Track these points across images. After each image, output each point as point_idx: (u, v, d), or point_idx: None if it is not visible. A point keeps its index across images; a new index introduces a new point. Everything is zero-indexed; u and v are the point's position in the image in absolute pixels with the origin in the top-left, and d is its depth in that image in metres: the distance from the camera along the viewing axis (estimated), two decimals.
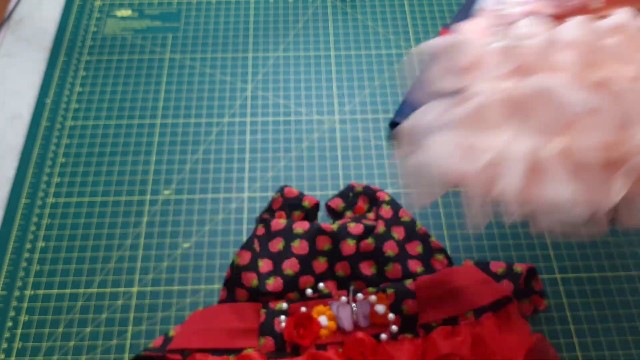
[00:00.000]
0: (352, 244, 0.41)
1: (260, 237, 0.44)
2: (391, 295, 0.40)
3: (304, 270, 0.42)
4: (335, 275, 0.42)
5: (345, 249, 0.42)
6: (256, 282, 0.41)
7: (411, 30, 0.64)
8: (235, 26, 0.65)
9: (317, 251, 0.42)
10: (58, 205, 0.52)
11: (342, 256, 0.42)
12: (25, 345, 0.45)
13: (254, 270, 0.42)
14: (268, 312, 0.41)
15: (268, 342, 0.40)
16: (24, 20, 0.66)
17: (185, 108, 0.58)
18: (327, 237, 0.42)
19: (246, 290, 0.41)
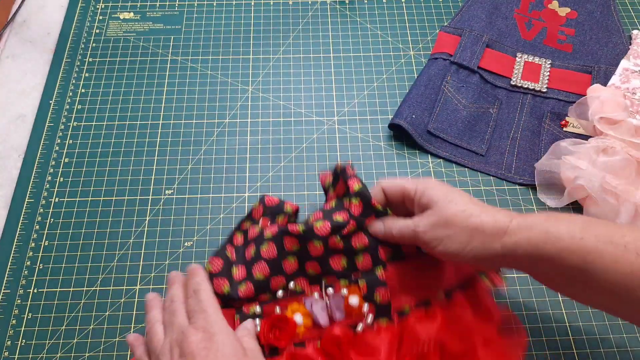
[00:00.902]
0: (319, 245, 0.41)
1: (238, 246, 0.43)
2: (363, 287, 0.40)
3: (274, 272, 0.41)
4: (307, 273, 0.42)
5: (313, 250, 0.41)
6: (228, 288, 0.40)
7: (409, 33, 0.65)
8: (236, 28, 0.65)
9: (285, 252, 0.41)
10: (61, 204, 0.52)
11: (310, 256, 0.41)
12: (29, 342, 0.45)
13: (225, 276, 0.41)
14: (242, 316, 0.40)
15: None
16: (28, 22, 0.66)
17: (187, 109, 0.59)
18: (293, 239, 0.41)
19: (218, 297, 0.40)
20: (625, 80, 0.57)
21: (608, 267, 0.32)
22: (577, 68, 0.61)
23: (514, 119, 0.58)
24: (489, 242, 0.35)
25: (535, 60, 0.61)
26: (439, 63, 0.60)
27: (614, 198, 0.48)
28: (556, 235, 0.33)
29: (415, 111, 0.57)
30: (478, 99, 0.59)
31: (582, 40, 0.63)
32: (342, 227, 0.40)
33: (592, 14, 0.65)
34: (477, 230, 0.35)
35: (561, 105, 0.59)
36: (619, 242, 0.32)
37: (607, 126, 0.51)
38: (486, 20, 0.64)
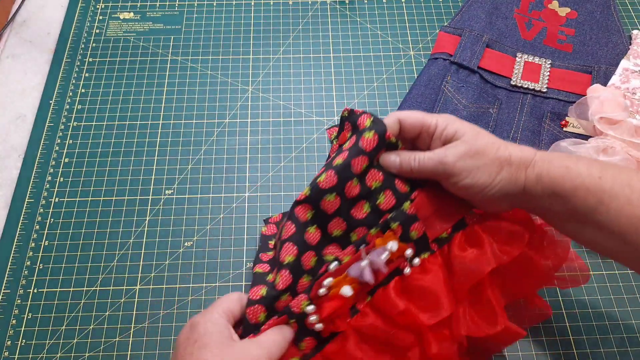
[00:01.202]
0: (333, 198, 0.37)
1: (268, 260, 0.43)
2: (397, 229, 0.38)
3: (301, 249, 0.38)
4: (332, 236, 0.39)
5: (328, 206, 0.38)
6: (264, 290, 0.38)
7: (409, 33, 0.65)
8: (236, 28, 0.65)
9: (302, 224, 0.38)
10: (61, 204, 0.52)
11: (328, 215, 0.38)
12: (29, 342, 0.45)
13: (261, 284, 0.39)
14: (297, 317, 0.37)
15: (308, 343, 0.38)
16: (28, 22, 0.66)
17: (187, 109, 0.59)
18: (304, 206, 0.38)
19: (260, 305, 0.37)
20: (625, 80, 0.57)
21: (621, 209, 0.33)
22: (577, 68, 0.61)
23: (514, 119, 0.58)
24: (514, 173, 0.36)
25: (535, 60, 0.61)
26: (439, 63, 0.60)
27: None
28: (575, 172, 0.34)
29: None
30: (478, 99, 0.59)
31: (582, 40, 0.63)
32: (347, 166, 0.37)
33: (592, 14, 0.65)
34: (506, 162, 0.36)
35: (561, 105, 0.59)
36: (635, 186, 0.33)
37: (607, 126, 0.52)
38: (486, 20, 0.64)
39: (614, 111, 0.52)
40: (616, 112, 0.52)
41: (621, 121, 0.51)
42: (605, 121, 0.52)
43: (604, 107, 0.52)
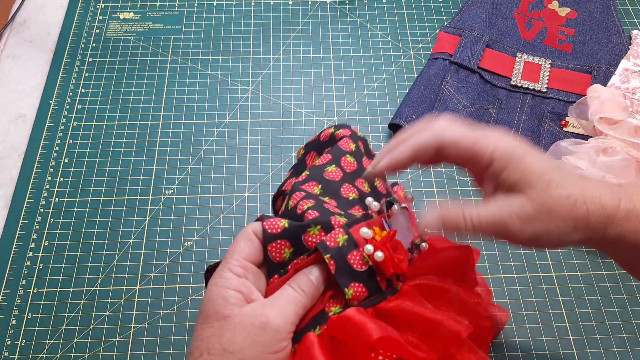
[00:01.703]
0: (334, 169, 0.35)
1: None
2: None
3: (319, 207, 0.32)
4: (350, 199, 0.34)
5: (332, 176, 0.34)
6: (286, 221, 0.31)
7: (409, 33, 0.65)
8: (236, 28, 0.65)
9: (314, 196, 0.33)
10: (61, 204, 0.52)
11: (336, 182, 0.34)
12: (29, 342, 0.45)
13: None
14: (334, 254, 0.30)
15: (357, 291, 0.30)
16: (28, 22, 0.66)
17: (187, 109, 0.59)
18: (309, 183, 0.34)
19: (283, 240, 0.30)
20: (625, 80, 0.57)
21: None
22: (577, 68, 0.61)
23: (513, 119, 0.58)
24: (591, 232, 0.29)
25: (535, 60, 0.61)
26: (439, 63, 0.60)
27: None
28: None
29: (415, 111, 0.57)
30: (478, 99, 0.59)
31: (582, 40, 0.63)
32: (337, 148, 0.36)
33: (592, 14, 0.65)
34: (581, 221, 0.29)
35: (561, 105, 0.59)
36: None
37: (607, 126, 0.52)
38: (486, 20, 0.64)
39: (614, 111, 0.52)
40: (616, 112, 0.52)
41: (621, 121, 0.51)
42: (605, 121, 0.52)
43: (604, 107, 0.52)
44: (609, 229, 0.29)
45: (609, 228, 0.29)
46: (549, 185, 0.29)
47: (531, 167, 0.29)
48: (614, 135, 0.51)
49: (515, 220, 0.29)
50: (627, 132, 0.51)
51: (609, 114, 0.52)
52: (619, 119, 0.51)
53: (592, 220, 0.29)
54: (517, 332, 0.46)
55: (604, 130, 0.51)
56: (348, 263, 0.30)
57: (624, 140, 0.51)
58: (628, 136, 0.51)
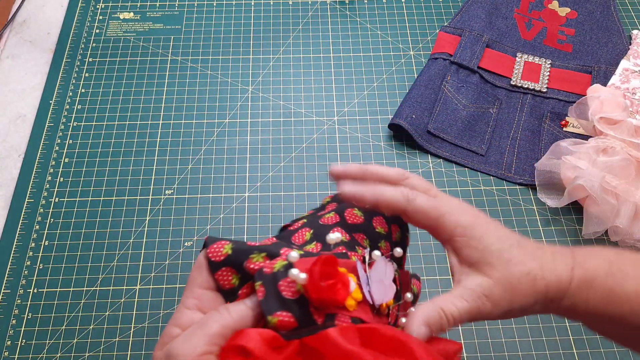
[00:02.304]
0: (332, 215, 0.33)
1: None
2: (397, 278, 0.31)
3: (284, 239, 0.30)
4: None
5: (327, 221, 0.32)
6: (229, 247, 0.29)
7: (409, 33, 0.65)
8: (236, 28, 0.65)
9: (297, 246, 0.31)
10: (61, 204, 0.52)
11: (329, 226, 0.32)
12: (29, 342, 0.45)
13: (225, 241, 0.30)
14: (265, 281, 0.27)
15: (283, 320, 0.26)
16: (28, 22, 0.66)
17: (187, 109, 0.59)
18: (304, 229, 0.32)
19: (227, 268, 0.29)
20: (625, 80, 0.57)
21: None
22: (577, 68, 0.61)
23: (514, 119, 0.58)
24: (549, 304, 0.30)
25: (535, 60, 0.61)
26: (439, 63, 0.60)
27: (614, 198, 0.48)
28: (621, 296, 0.29)
29: (415, 111, 0.57)
30: (478, 99, 0.59)
31: (582, 40, 0.63)
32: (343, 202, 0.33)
33: (592, 14, 0.65)
34: (541, 295, 0.30)
35: (561, 105, 0.59)
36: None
37: (607, 126, 0.52)
38: (486, 20, 0.64)
39: (614, 111, 0.52)
40: (616, 112, 0.52)
41: (621, 121, 0.51)
42: (605, 121, 0.52)
43: (604, 107, 0.52)
44: (564, 301, 0.30)
45: (563, 299, 0.30)
46: (509, 264, 0.30)
47: (490, 247, 0.30)
48: (614, 135, 0.51)
49: (486, 303, 0.30)
50: (627, 132, 0.51)
51: (609, 114, 0.52)
52: (619, 119, 0.51)
53: (550, 293, 0.30)
54: (517, 332, 0.46)
55: (604, 130, 0.51)
56: (278, 290, 0.27)
57: (624, 140, 0.51)
58: (628, 136, 0.51)
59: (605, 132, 0.51)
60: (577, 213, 0.52)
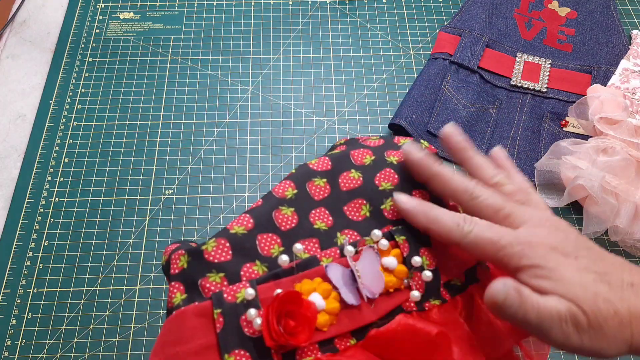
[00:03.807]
0: (323, 183, 0.29)
1: None
2: (403, 245, 0.28)
3: (259, 225, 0.27)
4: (314, 228, 0.28)
5: (315, 191, 0.29)
6: (185, 259, 0.26)
7: (409, 33, 0.65)
8: (236, 28, 0.65)
9: (277, 200, 0.28)
10: (61, 204, 0.52)
11: (314, 201, 0.29)
12: (29, 342, 0.45)
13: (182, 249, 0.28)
14: (225, 310, 0.25)
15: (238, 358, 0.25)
16: (28, 22, 0.66)
17: (187, 109, 0.59)
18: (286, 182, 0.29)
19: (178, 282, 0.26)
20: (625, 80, 0.57)
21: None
22: (577, 68, 0.61)
23: (513, 119, 0.58)
24: (633, 349, 0.27)
25: (535, 60, 0.61)
26: (439, 63, 0.60)
27: (614, 198, 0.48)
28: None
29: (415, 111, 0.57)
30: (478, 99, 0.59)
31: (582, 40, 0.64)
32: (345, 156, 0.29)
33: (592, 14, 0.65)
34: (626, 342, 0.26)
35: (561, 105, 0.59)
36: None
37: (607, 126, 0.52)
38: (486, 20, 0.64)
39: (614, 111, 0.52)
40: (616, 112, 0.52)
41: (621, 121, 0.51)
42: (605, 121, 0.52)
43: (604, 107, 0.53)
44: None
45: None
46: (596, 299, 0.26)
47: (571, 280, 0.26)
48: (614, 135, 0.51)
49: (570, 326, 0.26)
50: (627, 132, 0.51)
51: (609, 114, 0.52)
52: (619, 119, 0.51)
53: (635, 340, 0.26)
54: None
55: (604, 130, 0.51)
56: (239, 324, 0.25)
57: (624, 140, 0.51)
58: (628, 136, 0.51)
59: (605, 132, 0.51)
60: (577, 213, 0.52)
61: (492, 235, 0.27)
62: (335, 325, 0.26)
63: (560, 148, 0.52)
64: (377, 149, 0.32)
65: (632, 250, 0.50)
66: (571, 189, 0.50)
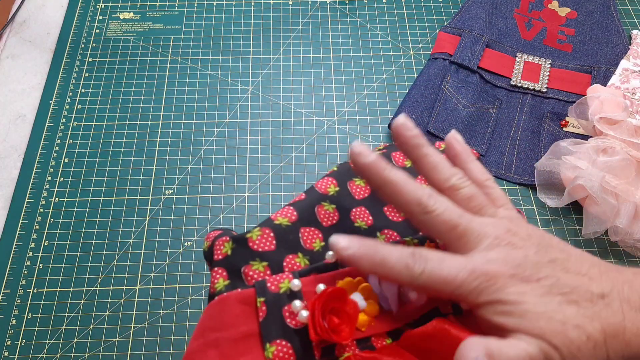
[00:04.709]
0: (362, 184, 0.29)
1: None
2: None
3: (304, 219, 0.28)
4: (355, 226, 0.29)
5: (355, 191, 0.29)
6: (229, 245, 0.27)
7: (409, 33, 0.65)
8: (236, 28, 0.65)
9: (320, 196, 0.29)
10: (61, 204, 0.52)
11: (355, 200, 0.29)
12: (29, 342, 0.45)
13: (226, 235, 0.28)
14: (269, 299, 0.25)
15: (281, 351, 0.25)
16: (28, 22, 0.66)
17: (187, 109, 0.59)
18: (328, 179, 0.30)
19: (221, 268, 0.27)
20: (625, 80, 0.57)
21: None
22: (577, 68, 0.61)
23: (513, 119, 0.58)
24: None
25: (535, 60, 0.61)
26: (439, 63, 0.60)
27: (614, 198, 0.48)
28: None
29: (415, 111, 0.57)
30: (478, 99, 0.59)
31: (582, 40, 0.63)
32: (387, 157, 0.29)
33: (592, 14, 0.65)
34: (601, 351, 0.24)
35: (561, 105, 0.59)
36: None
37: (607, 126, 0.52)
38: (486, 20, 0.64)
39: (614, 111, 0.52)
40: (616, 112, 0.52)
41: (621, 121, 0.51)
42: (605, 121, 0.52)
43: (604, 107, 0.53)
44: (625, 354, 0.25)
45: (625, 353, 0.25)
46: (565, 328, 0.24)
47: (535, 310, 0.24)
48: (614, 135, 0.51)
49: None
50: (627, 132, 0.51)
51: (609, 114, 0.52)
52: (619, 119, 0.51)
53: (611, 356, 0.24)
54: None
55: (604, 130, 0.51)
56: (282, 315, 0.25)
57: (624, 140, 0.51)
58: (628, 136, 0.51)
59: (605, 132, 0.51)
60: (577, 213, 0.52)
61: (447, 274, 0.24)
62: (373, 326, 0.26)
63: (560, 148, 0.52)
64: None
65: (632, 250, 0.50)
66: (571, 189, 0.50)
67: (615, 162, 0.49)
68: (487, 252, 0.25)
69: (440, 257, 0.25)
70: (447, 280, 0.24)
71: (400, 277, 0.25)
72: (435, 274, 0.24)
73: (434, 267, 0.24)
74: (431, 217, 0.25)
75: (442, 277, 0.24)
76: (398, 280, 0.25)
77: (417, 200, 0.25)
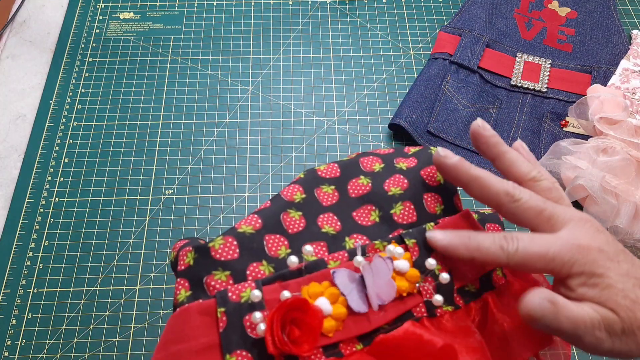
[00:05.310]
0: (331, 190, 0.29)
1: None
2: (413, 248, 0.27)
3: (267, 226, 0.27)
4: (321, 232, 0.28)
5: (323, 197, 0.29)
6: (191, 256, 0.26)
7: (409, 33, 0.65)
8: (236, 28, 0.65)
9: (285, 203, 0.28)
10: (61, 204, 0.52)
11: (322, 206, 0.29)
12: (29, 342, 0.45)
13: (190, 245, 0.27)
14: (229, 309, 0.25)
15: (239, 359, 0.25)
16: (28, 22, 0.66)
17: (187, 109, 0.59)
18: (294, 186, 0.29)
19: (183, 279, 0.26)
20: (625, 80, 0.57)
21: None
22: (577, 68, 0.61)
23: (514, 119, 0.58)
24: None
25: (535, 60, 0.61)
26: (439, 63, 0.60)
27: (614, 198, 0.48)
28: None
29: (415, 111, 0.57)
30: (478, 99, 0.59)
31: (582, 40, 0.63)
32: (354, 163, 0.29)
33: (592, 14, 0.65)
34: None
35: (561, 105, 0.59)
36: None
37: (607, 126, 0.52)
38: (486, 20, 0.64)
39: (614, 111, 0.52)
40: (616, 112, 0.52)
41: (621, 121, 0.51)
42: (605, 121, 0.52)
43: (604, 107, 0.53)
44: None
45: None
46: (634, 306, 0.26)
47: (616, 286, 0.26)
48: (614, 135, 0.51)
49: (603, 332, 0.26)
50: (627, 132, 0.51)
51: (609, 114, 0.52)
52: (619, 119, 0.51)
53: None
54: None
55: (604, 130, 0.51)
56: (243, 325, 0.25)
57: (624, 140, 0.51)
58: (628, 136, 0.51)
59: (605, 132, 0.51)
60: None
61: (539, 249, 0.27)
62: (342, 330, 0.26)
63: (560, 148, 0.52)
64: (386, 156, 0.31)
65: (632, 250, 0.50)
66: (571, 189, 0.50)
67: (615, 162, 0.49)
68: (575, 230, 0.27)
69: (530, 236, 0.27)
70: (540, 254, 0.26)
71: (497, 258, 0.27)
72: (528, 250, 0.26)
73: (526, 245, 0.27)
74: (519, 204, 0.28)
75: (535, 252, 0.26)
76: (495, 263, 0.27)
77: (505, 191, 0.28)
